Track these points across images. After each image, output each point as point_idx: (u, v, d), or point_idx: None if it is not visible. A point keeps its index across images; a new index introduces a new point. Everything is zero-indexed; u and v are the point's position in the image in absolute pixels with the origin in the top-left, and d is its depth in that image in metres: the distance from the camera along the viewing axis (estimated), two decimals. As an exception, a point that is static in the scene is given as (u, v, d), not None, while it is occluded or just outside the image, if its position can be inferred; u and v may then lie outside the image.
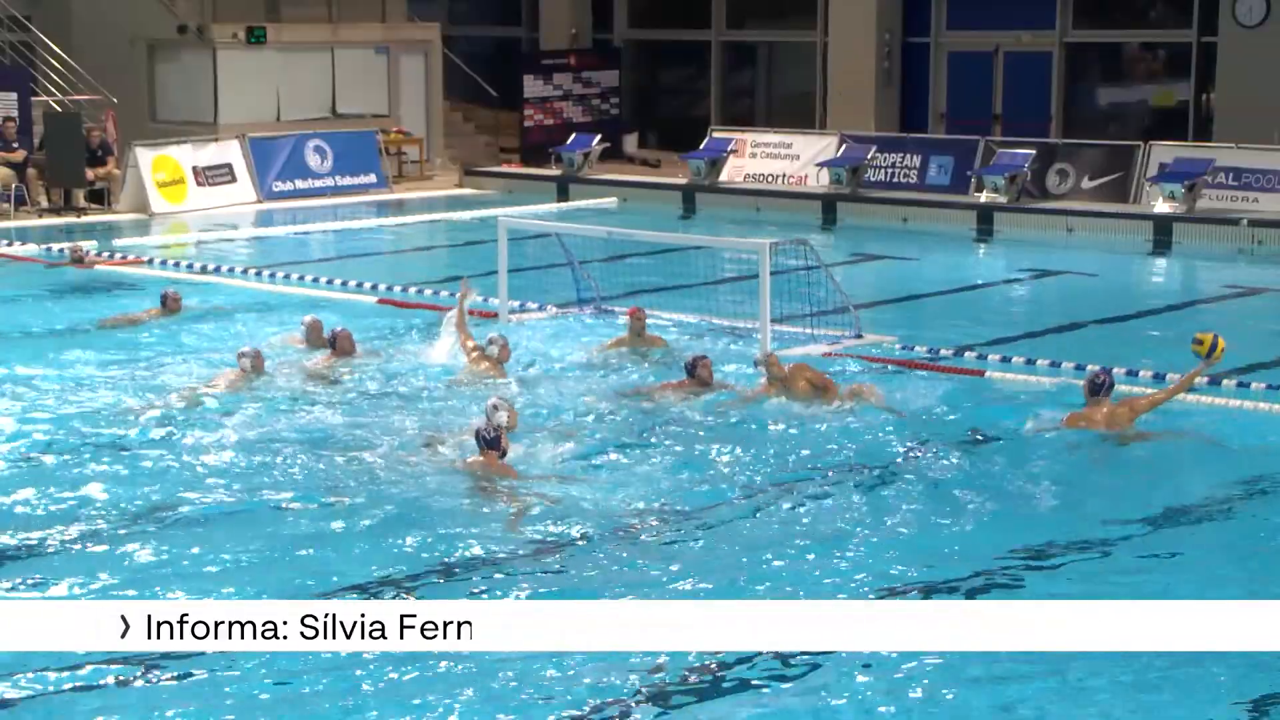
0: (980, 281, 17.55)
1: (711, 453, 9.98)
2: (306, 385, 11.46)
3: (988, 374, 12.09)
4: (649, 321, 12.84)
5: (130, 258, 17.40)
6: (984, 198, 21.14)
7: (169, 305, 13.75)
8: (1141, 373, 11.74)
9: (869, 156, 22.43)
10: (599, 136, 24.88)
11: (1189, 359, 10.56)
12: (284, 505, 9.00)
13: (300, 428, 10.45)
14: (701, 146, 24.09)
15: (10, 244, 18.22)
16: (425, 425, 10.37)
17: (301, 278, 16.22)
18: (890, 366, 12.26)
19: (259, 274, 16.47)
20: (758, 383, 11.22)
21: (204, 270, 16.74)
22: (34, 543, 8.38)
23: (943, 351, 12.67)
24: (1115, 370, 11.26)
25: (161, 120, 24.39)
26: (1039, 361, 12.32)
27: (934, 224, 20.83)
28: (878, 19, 25.10)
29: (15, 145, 20.86)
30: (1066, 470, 9.73)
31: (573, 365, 12.24)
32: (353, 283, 15.78)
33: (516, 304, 14.22)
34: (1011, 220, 20.61)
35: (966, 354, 12.62)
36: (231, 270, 16.69)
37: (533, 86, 26.62)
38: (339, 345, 12.06)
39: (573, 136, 25.01)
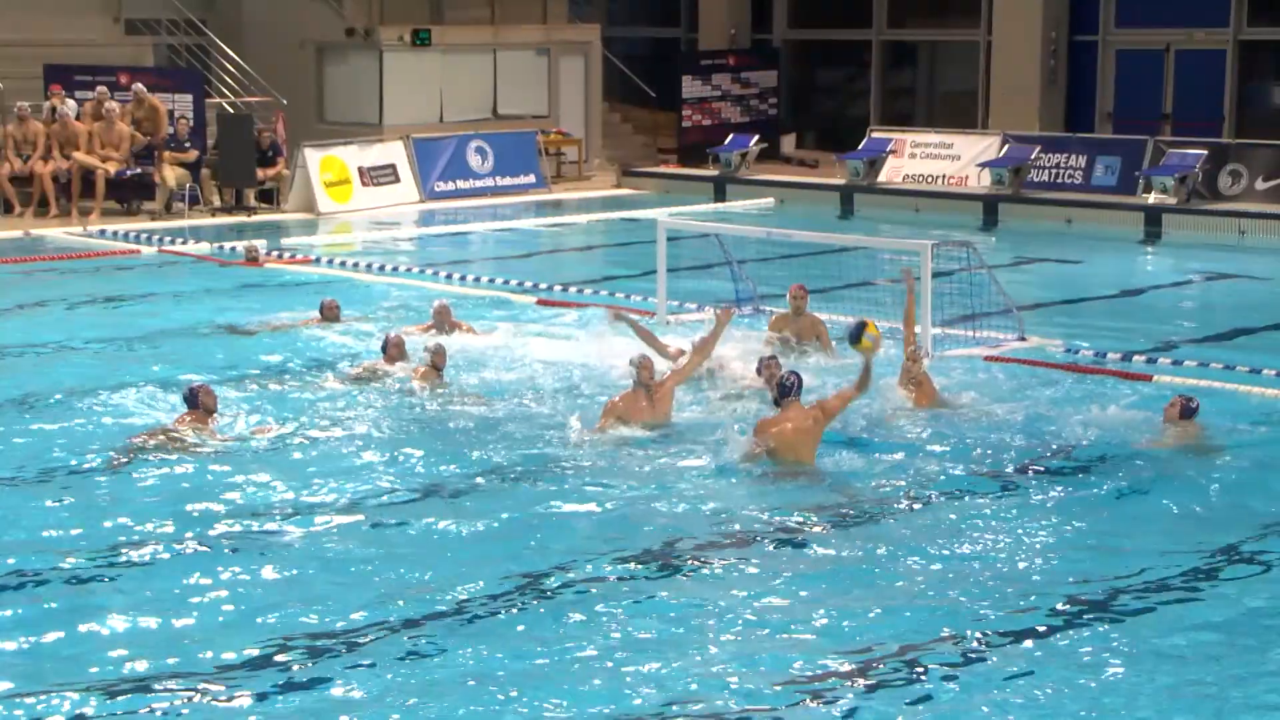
0: (1148, 285, 17.14)
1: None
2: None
3: (1155, 378, 11.81)
4: None
5: (300, 256, 17.83)
6: (1152, 199, 20.64)
7: (327, 314, 13.73)
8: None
9: (1032, 157, 22.05)
10: (757, 137, 24.84)
11: None
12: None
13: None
14: (860, 147, 23.92)
15: (185, 242, 18.78)
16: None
17: (463, 277, 16.46)
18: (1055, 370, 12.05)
19: (422, 272, 16.76)
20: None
21: (369, 269, 17.08)
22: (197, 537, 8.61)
23: (1109, 355, 12.41)
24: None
25: (329, 121, 24.95)
26: (1212, 365, 12.00)
27: (1099, 226, 20.39)
28: (1043, 17, 24.69)
29: (189, 145, 21.51)
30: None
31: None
32: (513, 281, 15.97)
33: (675, 304, 14.26)
34: (1181, 223, 20.09)
35: (1135, 358, 12.35)
36: (395, 269, 17.00)
37: (691, 87, 26.66)
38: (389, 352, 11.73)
39: (730, 137, 25.01)
